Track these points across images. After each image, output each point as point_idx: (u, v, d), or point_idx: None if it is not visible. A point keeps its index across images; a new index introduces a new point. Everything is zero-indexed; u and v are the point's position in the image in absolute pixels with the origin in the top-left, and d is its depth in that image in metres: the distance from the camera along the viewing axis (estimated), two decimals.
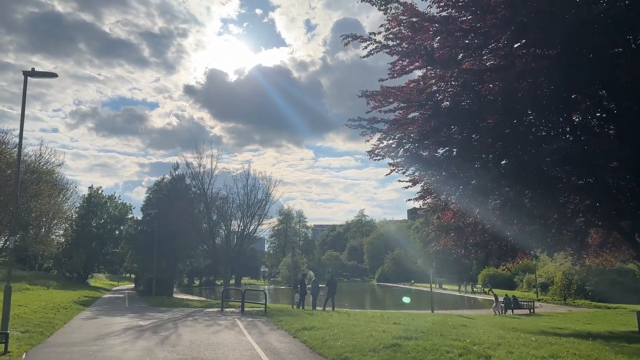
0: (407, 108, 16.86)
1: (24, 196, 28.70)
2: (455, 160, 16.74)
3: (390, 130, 18.62)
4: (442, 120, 16.35)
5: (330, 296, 24.58)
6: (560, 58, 12.55)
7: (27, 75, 12.60)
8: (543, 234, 19.36)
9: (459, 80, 15.38)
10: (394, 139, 18.73)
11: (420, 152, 18.63)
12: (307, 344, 11.44)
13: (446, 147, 18.05)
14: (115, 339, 12.63)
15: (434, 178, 19.29)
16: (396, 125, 18.26)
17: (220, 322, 17.60)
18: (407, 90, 16.09)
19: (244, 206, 36.04)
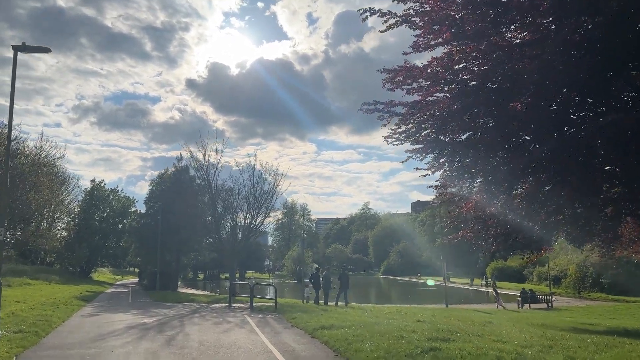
0: (432, 87, 15.57)
1: (22, 188, 27.59)
2: (482, 146, 15.48)
3: (409, 113, 17.37)
4: (469, 101, 15.08)
5: (342, 291, 23.46)
6: (609, 28, 11.26)
7: (17, 50, 11.41)
8: (572, 225, 18.17)
9: (488, 57, 14.08)
10: (414, 123, 17.50)
11: (442, 137, 17.40)
12: (329, 346, 10.28)
13: (470, 131, 16.82)
14: (117, 340, 11.51)
15: (456, 165, 18.06)
16: (417, 107, 17.02)
17: (230, 319, 16.49)
18: (432, 67, 14.80)
19: (250, 198, 34.85)
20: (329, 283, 23.74)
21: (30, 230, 32.33)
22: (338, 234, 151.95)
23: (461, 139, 17.34)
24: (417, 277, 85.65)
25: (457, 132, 16.89)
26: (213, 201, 34.97)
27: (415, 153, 18.25)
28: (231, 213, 35.62)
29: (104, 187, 60.91)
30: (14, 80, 11.36)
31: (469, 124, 16.20)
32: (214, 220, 35.20)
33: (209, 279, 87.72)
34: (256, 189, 35.17)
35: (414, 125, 17.71)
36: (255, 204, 35.07)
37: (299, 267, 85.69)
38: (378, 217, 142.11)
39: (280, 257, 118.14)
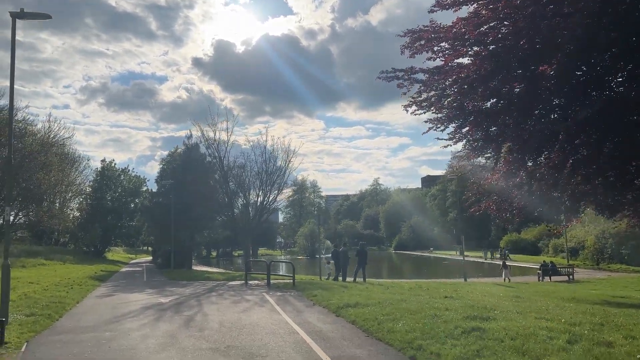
0: (457, 50, 14.55)
1: (32, 168, 27.11)
2: (513, 111, 14.52)
3: (431, 80, 16.40)
4: (498, 64, 14.08)
5: (360, 266, 22.89)
6: None
7: (15, 17, 10.62)
8: (604, 194, 17.26)
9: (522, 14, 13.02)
10: (436, 90, 16.55)
11: (467, 104, 16.43)
12: (358, 326, 9.65)
13: (495, 98, 15.86)
14: (133, 322, 10.99)
15: (480, 134, 17.14)
16: (440, 73, 16.03)
17: (248, 297, 15.98)
18: (457, 28, 13.76)
19: (262, 174, 34.17)
20: (347, 259, 23.17)
21: (42, 211, 32.01)
22: (348, 210, 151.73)
23: (486, 106, 16.42)
24: (430, 252, 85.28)
25: (483, 99, 15.97)
26: (225, 178, 34.36)
27: (437, 123, 17.32)
28: (244, 190, 35.05)
29: (115, 166, 60.61)
30: (13, 50, 10.59)
31: (496, 89, 15.25)
32: (227, 197, 34.65)
33: (222, 257, 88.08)
34: (268, 165, 34.49)
35: (435, 93, 16.79)
36: (267, 181, 34.42)
37: (312, 243, 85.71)
38: (388, 193, 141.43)
39: (292, 234, 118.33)
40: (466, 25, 13.72)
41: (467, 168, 21.04)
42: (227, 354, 7.64)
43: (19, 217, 30.14)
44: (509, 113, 14.81)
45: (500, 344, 6.91)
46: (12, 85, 10.47)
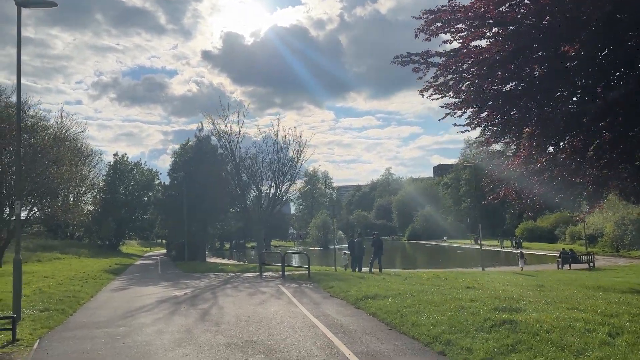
0: (477, 29, 13.96)
1: (44, 162, 27.03)
2: (536, 94, 13.93)
3: (447, 64, 15.84)
4: (521, 43, 13.47)
5: (376, 257, 22.51)
6: None
7: (20, 5, 10.30)
8: (629, 179, 16.62)
9: None
10: (454, 74, 15.98)
11: (486, 87, 15.85)
12: (379, 318, 9.28)
13: (516, 81, 15.26)
14: (147, 316, 10.74)
15: (500, 119, 16.57)
16: (457, 56, 15.45)
17: (263, 289, 15.70)
18: (478, 6, 13.16)
19: (274, 165, 33.86)
20: (362, 249, 22.80)
21: (57, 205, 32.02)
22: (360, 200, 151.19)
23: (506, 89, 15.86)
24: (444, 241, 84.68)
25: (502, 82, 15.40)
26: (237, 169, 34.13)
27: (454, 108, 16.78)
28: (256, 182, 34.78)
29: (127, 160, 60.79)
30: (19, 41, 10.29)
31: (516, 71, 14.67)
32: (239, 189, 34.42)
33: (235, 249, 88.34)
34: (280, 156, 34.16)
35: (453, 77, 16.23)
36: (279, 172, 34.10)
37: (324, 234, 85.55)
38: (400, 182, 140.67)
39: (304, 225, 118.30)
40: (486, 3, 13.13)
41: (484, 155, 20.40)
42: (245, 350, 7.32)
43: (33, 211, 30.11)
44: (531, 96, 14.23)
45: (535, 338, 6.49)
46: (19, 77, 10.18)
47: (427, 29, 15.49)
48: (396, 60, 16.62)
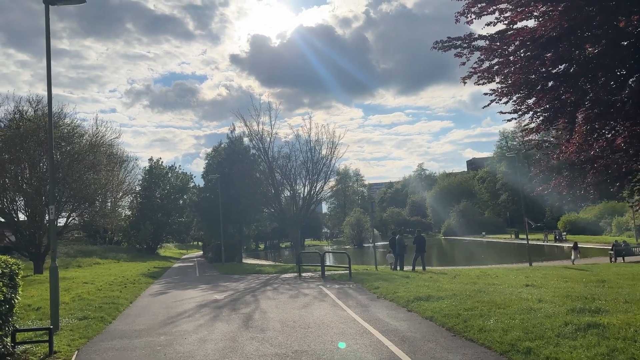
0: (525, 8, 12.91)
1: (81, 169, 27.24)
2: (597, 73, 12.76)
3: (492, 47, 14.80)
4: (575, 20, 12.35)
5: (419, 254, 21.58)
6: None
7: (47, 3, 9.95)
8: None
9: None
10: (501, 57, 14.94)
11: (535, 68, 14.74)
12: (438, 323, 8.46)
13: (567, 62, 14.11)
14: (188, 323, 10.22)
15: (551, 103, 15.43)
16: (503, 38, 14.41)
17: (305, 290, 15.06)
18: None
19: (308, 163, 33.26)
20: (404, 247, 21.90)
21: (95, 211, 32.36)
22: (393, 197, 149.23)
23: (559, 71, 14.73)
24: (482, 237, 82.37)
25: (552, 64, 14.29)
26: (271, 169, 33.66)
27: (500, 94, 15.77)
28: (290, 181, 34.26)
29: (162, 164, 61.50)
30: (48, 39, 9.96)
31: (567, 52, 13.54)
32: (274, 188, 33.97)
33: (270, 249, 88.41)
34: (313, 154, 33.53)
35: (499, 61, 15.25)
36: (313, 170, 33.47)
37: (359, 232, 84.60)
38: (433, 178, 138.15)
39: (337, 224, 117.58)
40: None
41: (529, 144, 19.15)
42: None
43: (72, 217, 30.47)
44: (589, 76, 13.10)
45: (634, 345, 5.56)
46: (49, 77, 9.83)
47: (468, 12, 14.54)
48: (437, 46, 15.65)
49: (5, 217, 27.53)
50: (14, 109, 30.28)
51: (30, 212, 27.34)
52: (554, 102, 15.63)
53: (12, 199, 27.47)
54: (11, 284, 6.89)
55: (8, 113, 30.51)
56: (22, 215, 28.25)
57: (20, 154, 25.97)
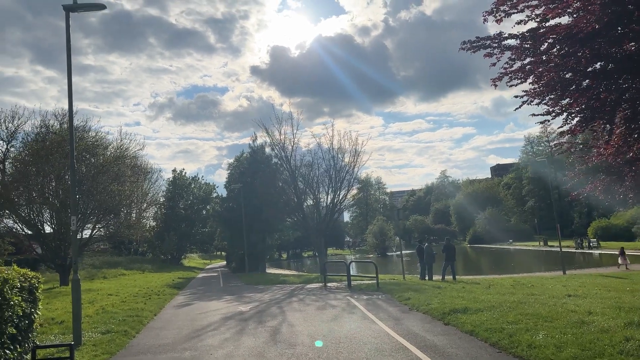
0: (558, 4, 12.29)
1: (105, 180, 27.38)
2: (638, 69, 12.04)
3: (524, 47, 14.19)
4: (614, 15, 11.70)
5: (449, 263, 20.88)
6: None
7: (68, 10, 9.81)
8: None
9: None
10: (534, 56, 14.31)
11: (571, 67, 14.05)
12: (480, 337, 7.86)
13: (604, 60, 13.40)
14: (214, 337, 9.82)
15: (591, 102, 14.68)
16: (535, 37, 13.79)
17: (332, 302, 14.54)
18: None
19: (331, 170, 32.79)
20: (432, 256, 21.20)
21: (119, 222, 32.50)
22: (415, 205, 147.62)
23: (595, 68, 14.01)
24: (509, 244, 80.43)
25: (587, 62, 13.59)
26: (293, 177, 33.30)
27: (532, 96, 15.11)
28: (312, 189, 33.81)
29: (185, 175, 61.88)
30: (69, 46, 9.79)
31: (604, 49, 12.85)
32: (296, 197, 33.58)
33: (292, 258, 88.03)
34: (336, 162, 33.06)
35: (531, 60, 14.62)
36: (336, 178, 32.98)
37: (382, 240, 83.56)
38: (457, 185, 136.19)
39: (360, 233, 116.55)
40: None
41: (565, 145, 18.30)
42: None
43: (97, 228, 30.64)
44: (633, 74, 12.36)
45: None
46: (70, 84, 9.66)
47: (497, 10, 13.99)
48: (465, 46, 15.14)
49: (32, 229, 27.79)
50: (40, 123, 30.80)
51: (56, 224, 27.55)
52: (591, 102, 14.89)
53: (38, 211, 27.73)
54: (31, 299, 6.61)
55: (35, 127, 31.06)
56: (48, 227, 28.50)
57: (46, 166, 26.22)
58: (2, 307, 5.64)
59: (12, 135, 32.19)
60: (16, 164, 28.67)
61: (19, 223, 28.30)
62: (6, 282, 5.83)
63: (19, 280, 6.31)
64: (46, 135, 29.51)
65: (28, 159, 27.23)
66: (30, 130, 31.44)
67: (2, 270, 6.07)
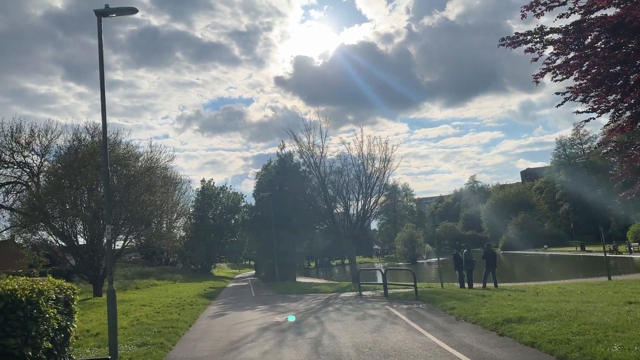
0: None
1: (137, 190, 27.48)
2: None
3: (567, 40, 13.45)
4: None
5: (489, 270, 20.01)
6: None
7: (100, 14, 9.64)
8: None
9: None
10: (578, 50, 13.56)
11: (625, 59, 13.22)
12: (544, 350, 7.18)
13: None
14: (253, 349, 9.38)
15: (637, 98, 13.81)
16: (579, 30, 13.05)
17: (371, 311, 13.96)
18: None
19: (361, 176, 32.21)
20: (472, 263, 20.34)
21: (151, 232, 32.60)
22: (444, 211, 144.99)
23: None
24: (544, 250, 77.94)
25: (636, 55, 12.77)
26: (323, 184, 32.82)
27: (576, 92, 14.30)
28: (342, 196, 33.26)
29: (213, 185, 62.22)
30: (101, 52, 9.63)
31: None
32: (326, 204, 33.08)
33: (321, 267, 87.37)
34: (366, 167, 32.47)
35: (575, 55, 13.86)
36: (367, 184, 32.38)
37: (412, 248, 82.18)
38: (487, 190, 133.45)
39: (388, 240, 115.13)
40: None
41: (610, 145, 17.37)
42: None
43: (129, 240, 30.78)
44: None
45: None
46: (103, 89, 9.46)
47: (537, 4, 13.32)
48: (504, 42, 14.53)
49: (65, 241, 28.06)
50: (72, 137, 31.26)
51: (89, 236, 27.76)
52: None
53: (72, 223, 27.99)
54: (66, 311, 6.29)
55: (67, 141, 31.54)
56: (82, 238, 28.76)
57: (78, 178, 26.47)
58: (37, 320, 5.32)
59: (46, 149, 32.79)
60: (50, 177, 29.09)
61: (53, 235, 28.66)
62: (41, 294, 5.52)
63: (55, 291, 6.00)
64: (78, 148, 29.91)
65: (61, 172, 27.58)
66: (63, 144, 31.97)
67: (36, 281, 5.77)
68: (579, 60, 14.00)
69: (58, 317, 5.88)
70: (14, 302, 4.99)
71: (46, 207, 26.71)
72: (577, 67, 14.07)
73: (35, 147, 32.23)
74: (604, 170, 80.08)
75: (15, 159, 31.19)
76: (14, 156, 31.12)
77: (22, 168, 31.97)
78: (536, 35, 14.10)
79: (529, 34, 14.10)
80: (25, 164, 31.88)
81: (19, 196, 32.12)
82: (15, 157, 31.20)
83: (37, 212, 26.50)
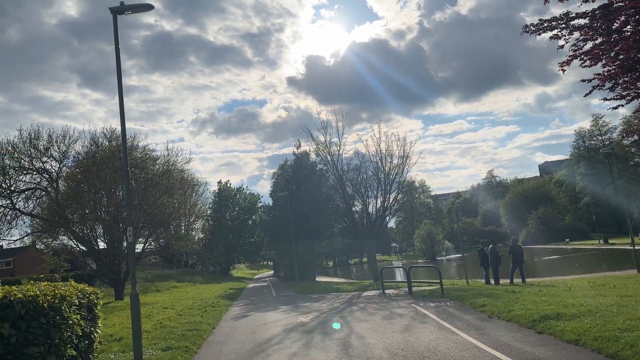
0: None
1: (155, 193, 27.47)
2: None
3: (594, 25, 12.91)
4: None
5: (517, 265, 19.49)
6: None
7: (115, 12, 9.44)
8: None
9: None
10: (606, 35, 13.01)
11: None
12: (590, 348, 6.76)
13: None
14: (280, 351, 9.09)
15: None
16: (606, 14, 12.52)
17: (397, 310, 13.59)
18: None
19: (380, 173, 31.77)
20: (498, 258, 19.82)
21: (170, 234, 32.63)
22: (462, 207, 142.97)
23: None
24: (566, 243, 76.52)
25: None
26: (341, 182, 32.46)
27: (604, 79, 13.75)
28: (361, 194, 32.85)
29: (230, 187, 62.31)
30: (117, 49, 9.43)
31: None
32: (345, 202, 32.72)
33: (339, 266, 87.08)
34: (384, 163, 32.01)
35: (603, 40, 13.31)
36: (386, 180, 31.92)
37: (431, 245, 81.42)
38: (505, 185, 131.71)
39: (406, 238, 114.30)
40: None
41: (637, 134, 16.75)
42: None
43: (148, 242, 30.82)
44: None
45: None
46: (121, 90, 9.25)
47: None
48: (528, 30, 14.05)
49: (86, 245, 28.19)
50: (89, 142, 31.42)
51: (109, 239, 27.84)
52: None
53: (91, 228, 28.10)
54: (90, 317, 6.07)
55: (85, 146, 31.71)
56: (102, 242, 28.85)
57: (97, 181, 26.54)
58: (60, 327, 5.09)
59: (64, 155, 32.99)
60: (69, 182, 29.25)
61: (73, 240, 28.81)
62: (64, 300, 5.30)
63: (77, 296, 5.78)
64: (96, 153, 30.03)
65: (80, 177, 27.71)
66: (81, 149, 32.15)
67: (58, 286, 5.55)
68: (608, 45, 13.46)
69: (82, 323, 5.66)
70: (36, 309, 4.77)
71: (66, 212, 26.83)
72: (606, 52, 13.53)
73: (53, 153, 32.43)
74: (624, 161, 78.26)
75: (35, 165, 31.40)
76: (33, 162, 31.32)
77: (41, 174, 32.18)
78: (561, 21, 13.59)
79: (554, 19, 13.57)
80: (44, 170, 32.09)
81: (39, 202, 32.36)
82: (34, 164, 31.41)
83: (57, 217, 26.64)
